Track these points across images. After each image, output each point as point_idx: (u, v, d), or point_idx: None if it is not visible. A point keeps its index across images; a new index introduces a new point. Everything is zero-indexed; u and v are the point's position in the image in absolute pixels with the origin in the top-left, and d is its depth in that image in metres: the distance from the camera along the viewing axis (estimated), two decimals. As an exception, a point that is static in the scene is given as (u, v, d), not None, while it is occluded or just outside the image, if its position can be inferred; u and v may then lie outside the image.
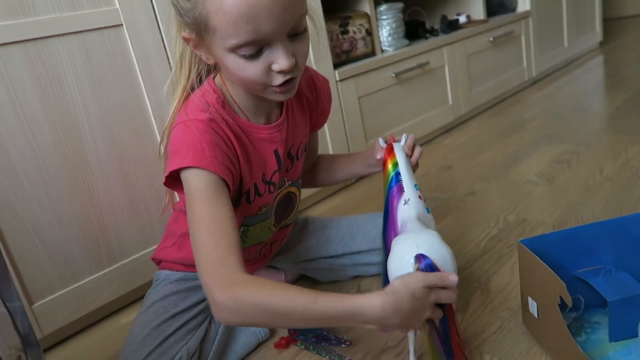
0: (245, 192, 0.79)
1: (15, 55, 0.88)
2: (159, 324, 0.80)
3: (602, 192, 1.20)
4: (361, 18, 1.60)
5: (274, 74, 0.67)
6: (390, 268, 0.71)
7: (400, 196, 0.77)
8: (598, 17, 2.88)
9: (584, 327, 0.76)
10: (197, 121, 0.71)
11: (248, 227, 0.84)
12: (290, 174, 0.87)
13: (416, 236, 0.70)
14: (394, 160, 0.81)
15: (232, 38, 0.63)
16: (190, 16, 0.65)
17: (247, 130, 0.76)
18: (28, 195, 0.92)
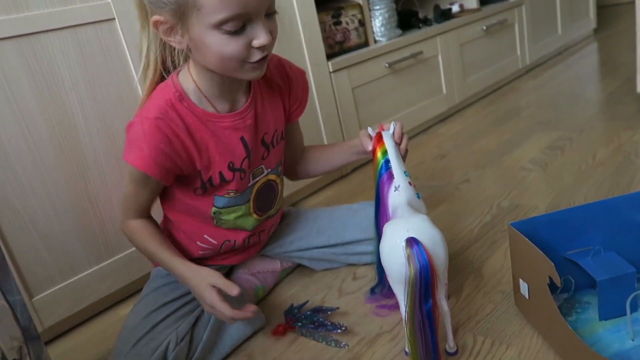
0: (208, 180, 0.83)
1: (8, 51, 0.89)
2: (148, 313, 0.84)
3: (595, 177, 1.21)
4: (354, 9, 1.60)
5: (253, 50, 0.71)
6: (382, 252, 0.72)
7: (391, 183, 0.79)
8: (592, 4, 2.88)
9: (575, 307, 0.78)
10: (146, 119, 0.76)
11: (220, 209, 0.87)
12: (268, 161, 0.89)
13: (407, 220, 0.72)
14: (383, 148, 0.82)
15: (221, 12, 0.66)
16: None
17: (207, 121, 0.80)
18: (25, 189, 0.93)
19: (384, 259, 0.72)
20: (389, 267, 0.71)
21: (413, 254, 0.66)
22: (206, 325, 0.85)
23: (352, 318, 0.89)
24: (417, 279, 0.66)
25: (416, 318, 0.68)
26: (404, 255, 0.67)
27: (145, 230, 0.86)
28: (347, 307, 0.92)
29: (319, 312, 0.89)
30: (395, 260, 0.69)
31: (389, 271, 0.72)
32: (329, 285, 1.00)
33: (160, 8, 0.69)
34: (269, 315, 0.94)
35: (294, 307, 0.90)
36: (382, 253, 0.73)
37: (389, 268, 0.71)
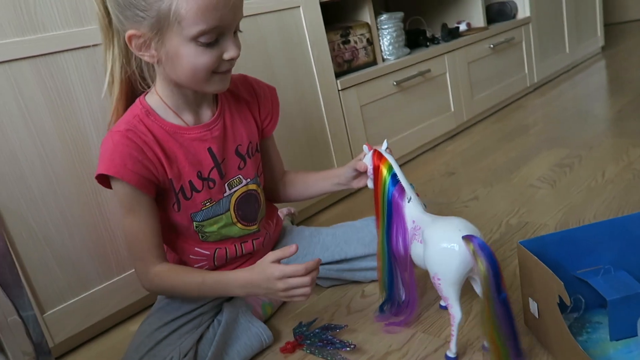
0: (180, 190, 0.85)
1: (25, 70, 0.91)
2: (152, 332, 0.85)
3: (604, 195, 1.21)
4: (362, 28, 1.62)
5: (223, 62, 0.78)
6: (433, 257, 0.74)
7: (403, 196, 0.82)
8: (599, 22, 2.89)
9: (585, 326, 0.77)
10: (115, 132, 0.81)
11: (201, 222, 0.89)
12: (245, 171, 0.92)
13: (449, 222, 0.75)
14: (387, 164, 0.84)
15: (199, 25, 0.72)
16: (153, 9, 0.72)
17: (175, 133, 0.84)
18: (39, 205, 0.95)
19: (435, 263, 0.73)
20: (445, 270, 0.72)
21: (478, 249, 0.68)
22: (211, 342, 0.86)
23: (361, 336, 0.88)
24: (489, 272, 0.67)
25: (498, 310, 0.68)
26: (468, 253, 0.69)
27: (176, 269, 0.86)
28: (355, 324, 0.92)
29: (328, 329, 0.89)
30: (452, 261, 0.71)
31: (445, 274, 0.73)
32: (338, 303, 1.00)
33: (137, 22, 0.74)
34: (278, 332, 0.94)
35: (303, 325, 0.90)
36: (431, 257, 0.74)
37: (445, 271, 0.72)
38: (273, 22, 1.29)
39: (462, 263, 0.71)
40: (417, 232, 0.79)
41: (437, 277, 0.74)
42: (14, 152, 0.91)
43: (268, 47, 1.29)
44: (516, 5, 2.28)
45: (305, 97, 1.39)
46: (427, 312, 0.91)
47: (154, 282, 0.86)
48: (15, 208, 0.92)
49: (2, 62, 0.89)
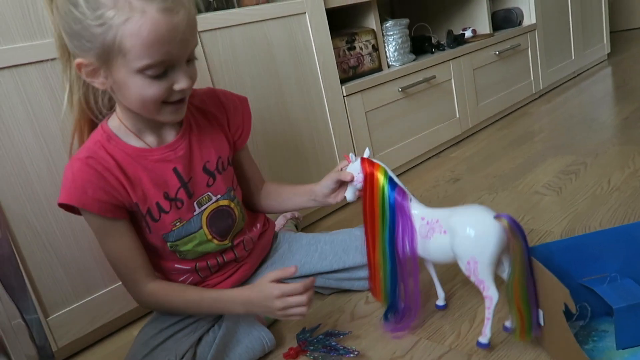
0: (147, 212, 0.84)
1: (32, 75, 0.92)
2: (147, 339, 0.86)
3: (610, 202, 1.20)
4: (367, 34, 1.63)
5: (174, 92, 0.75)
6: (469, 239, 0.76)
7: (406, 197, 0.84)
8: (605, 29, 2.89)
9: (591, 335, 0.77)
10: (75, 160, 0.80)
11: (175, 242, 0.87)
12: (215, 188, 0.89)
13: (474, 207, 0.79)
14: (382, 169, 0.85)
15: (145, 59, 0.69)
16: (98, 41, 0.69)
17: (137, 156, 0.82)
18: (44, 209, 0.95)
19: (471, 246, 0.75)
20: (482, 251, 0.74)
21: (513, 224, 0.71)
22: (211, 345, 0.86)
23: (365, 342, 0.88)
24: (524, 247, 0.70)
25: (529, 285, 0.71)
26: (503, 231, 0.72)
27: (171, 287, 0.87)
28: (359, 331, 0.92)
29: (331, 335, 0.88)
30: (490, 241, 0.73)
31: (482, 255, 0.74)
32: (341, 309, 1.00)
33: (85, 51, 0.72)
34: (281, 338, 0.94)
35: (306, 331, 0.90)
36: (464, 242, 0.76)
37: (482, 252, 0.74)
38: (279, 28, 1.30)
39: (500, 241, 0.73)
40: (435, 225, 0.80)
41: (473, 261, 0.75)
42: (20, 156, 0.92)
43: (274, 53, 1.29)
44: (522, 12, 2.28)
45: (311, 102, 1.39)
46: (431, 318, 0.91)
47: (150, 301, 0.86)
48: (20, 211, 0.92)
49: (10, 67, 0.89)
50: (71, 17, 0.69)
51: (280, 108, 1.32)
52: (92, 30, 0.68)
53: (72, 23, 0.70)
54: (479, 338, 0.79)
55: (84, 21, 0.68)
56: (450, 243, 0.78)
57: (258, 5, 1.29)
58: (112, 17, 0.67)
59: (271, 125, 1.30)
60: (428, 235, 0.81)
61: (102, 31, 0.68)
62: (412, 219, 0.83)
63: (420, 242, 0.83)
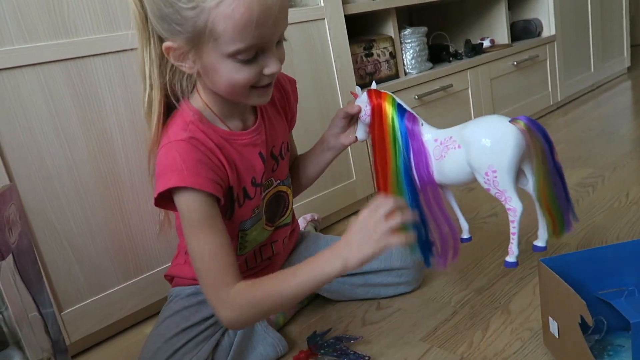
0: (236, 198, 0.81)
1: (56, 73, 0.94)
2: (169, 337, 0.84)
3: (628, 216, 1.19)
4: (385, 41, 1.63)
5: (263, 76, 0.73)
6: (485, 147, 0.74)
7: (417, 121, 0.83)
8: (626, 42, 2.86)
9: (607, 349, 0.75)
10: (178, 142, 0.74)
11: (245, 231, 0.86)
12: (278, 173, 0.90)
13: (487, 117, 0.77)
14: (389, 98, 0.84)
15: (237, 43, 0.67)
16: (189, 24, 0.67)
17: (229, 139, 0.80)
18: (63, 206, 0.97)
19: (488, 154, 0.73)
20: (500, 157, 0.72)
21: (530, 124, 0.70)
22: (227, 350, 0.86)
23: (376, 348, 0.88)
24: (544, 144, 0.70)
25: (554, 179, 0.71)
26: (520, 133, 0.71)
27: (256, 280, 0.74)
28: (370, 336, 0.91)
29: (342, 340, 0.88)
30: (508, 144, 0.71)
31: (501, 161, 0.72)
32: (353, 314, 1.00)
33: (174, 35, 0.69)
34: (292, 341, 0.94)
35: (317, 335, 0.90)
36: (481, 151, 0.74)
37: (500, 158, 0.72)
38: (298, 33, 1.31)
39: (518, 144, 0.71)
40: (449, 142, 0.79)
41: (492, 170, 0.73)
42: (41, 153, 0.93)
43: (292, 57, 1.30)
44: (541, 23, 2.27)
45: (327, 108, 1.40)
46: (443, 327, 0.90)
47: (237, 304, 0.72)
48: (40, 208, 0.94)
49: (35, 65, 0.91)
50: (162, 0, 0.67)
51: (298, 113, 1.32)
52: (184, 13, 0.66)
53: (163, 6, 0.68)
54: (506, 258, 0.78)
55: (175, 4, 0.66)
56: (466, 157, 0.75)
57: (278, 10, 1.30)
58: (204, 0, 0.65)
59: (287, 129, 1.30)
60: (442, 155, 0.79)
61: (194, 14, 0.66)
62: (425, 143, 0.81)
63: (436, 165, 0.80)
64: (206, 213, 0.73)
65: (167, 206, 0.77)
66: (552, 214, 0.72)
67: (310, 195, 1.37)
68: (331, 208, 1.43)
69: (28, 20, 0.90)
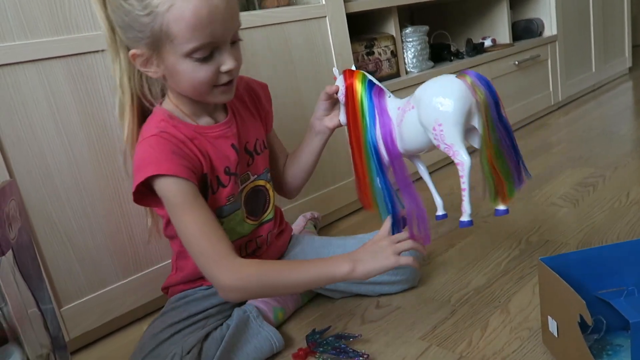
0: (210, 185, 0.87)
1: (57, 69, 0.94)
2: (155, 333, 0.86)
3: (628, 216, 1.19)
4: (387, 40, 1.63)
5: (222, 74, 0.79)
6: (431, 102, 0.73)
7: (383, 94, 0.84)
8: (627, 42, 2.86)
9: (606, 349, 0.75)
10: (150, 137, 0.80)
11: (221, 219, 0.90)
12: (253, 168, 0.95)
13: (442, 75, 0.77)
14: (360, 75, 0.85)
15: (191, 42, 0.74)
16: (147, 30, 0.74)
17: (201, 132, 0.86)
18: (63, 202, 0.97)
19: (433, 108, 0.72)
20: (445, 110, 0.71)
21: (475, 79, 0.70)
22: (219, 342, 0.86)
23: (375, 347, 0.88)
24: (489, 98, 0.69)
25: (500, 135, 0.70)
26: (466, 86, 0.70)
27: (267, 262, 0.87)
28: (369, 335, 0.91)
29: (341, 338, 0.88)
30: (452, 97, 0.71)
31: (446, 115, 0.71)
32: (352, 312, 1.00)
33: (137, 42, 0.76)
34: (291, 339, 0.94)
35: (316, 332, 0.90)
36: (428, 106, 0.73)
37: (445, 111, 0.71)
38: (299, 31, 1.31)
39: (462, 97, 0.71)
40: (407, 107, 0.79)
41: (437, 124, 0.72)
42: (41, 149, 0.93)
43: (293, 55, 1.30)
44: (543, 23, 2.26)
45: (328, 106, 1.39)
46: (442, 325, 0.90)
47: (244, 275, 0.76)
48: (40, 204, 0.94)
49: (35, 61, 0.91)
50: (122, 11, 0.74)
51: (298, 110, 1.32)
52: (141, 20, 0.73)
53: (123, 15, 0.75)
54: (461, 218, 0.78)
55: (132, 12, 0.73)
56: (418, 116, 0.76)
57: (279, 8, 1.30)
58: (157, 5, 0.72)
59: (288, 126, 1.30)
60: (401, 120, 0.79)
61: (149, 20, 0.73)
62: (390, 114, 0.82)
63: (398, 133, 0.81)
64: (186, 195, 0.78)
65: (146, 202, 0.83)
66: (498, 171, 0.72)
67: (311, 193, 1.37)
68: (331, 206, 1.43)
69: (29, 16, 0.90)
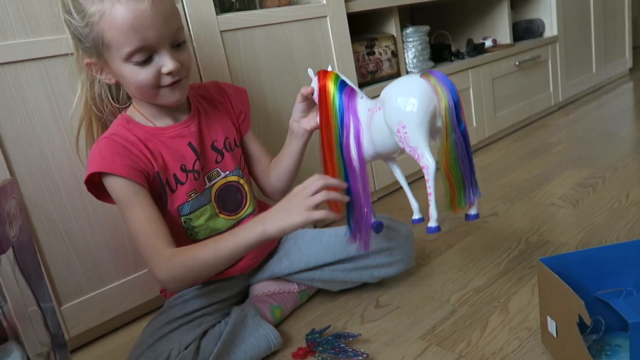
0: (166, 182, 0.89)
1: (58, 68, 0.94)
2: (154, 331, 0.87)
3: (628, 217, 1.19)
4: (387, 40, 1.63)
5: (164, 76, 0.81)
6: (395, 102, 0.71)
7: (354, 95, 0.82)
8: (628, 43, 2.86)
9: (604, 349, 0.76)
10: (100, 139, 0.86)
11: (188, 215, 0.92)
12: (223, 165, 0.96)
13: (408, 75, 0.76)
14: (333, 75, 0.84)
15: (125, 47, 0.77)
16: (89, 39, 0.78)
17: (155, 134, 0.89)
18: (63, 201, 0.97)
19: (397, 109, 0.70)
20: (409, 112, 0.69)
21: (439, 79, 0.68)
22: (216, 339, 0.86)
23: (374, 346, 0.88)
24: (450, 101, 0.67)
25: (457, 140, 0.68)
26: (429, 86, 0.68)
27: (191, 245, 0.86)
28: (369, 334, 0.91)
29: (341, 337, 0.88)
30: (414, 98, 0.69)
31: (409, 116, 0.69)
32: (352, 312, 1.00)
33: (87, 51, 0.81)
34: (290, 338, 0.94)
35: (316, 331, 0.90)
36: (392, 107, 0.71)
37: (409, 113, 0.69)
38: (300, 30, 1.31)
39: (425, 97, 0.69)
40: (374, 108, 0.77)
41: (402, 125, 0.70)
42: (42, 147, 0.93)
43: (294, 55, 1.30)
44: (544, 23, 2.26)
45: (328, 106, 1.40)
46: (441, 325, 0.90)
47: (170, 263, 0.81)
48: (40, 202, 0.94)
49: (36, 59, 0.91)
50: (70, 25, 0.79)
51: (298, 110, 1.32)
52: (82, 31, 0.78)
53: (72, 29, 0.80)
54: (429, 224, 0.75)
55: (75, 25, 0.78)
56: (384, 116, 0.73)
57: (280, 7, 1.30)
58: (92, 16, 0.76)
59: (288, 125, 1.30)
60: (369, 122, 0.78)
61: (89, 30, 0.77)
62: (360, 116, 0.80)
63: (367, 134, 0.79)
64: (127, 194, 0.83)
65: (103, 198, 0.88)
66: (451, 180, 0.70)
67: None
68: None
69: (30, 15, 0.90)
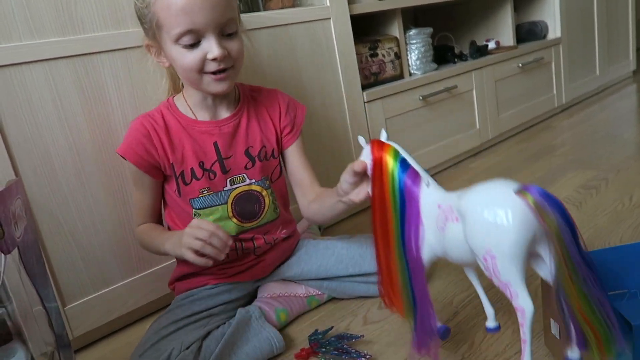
0: (180, 174, 0.92)
1: (63, 69, 0.94)
2: (159, 329, 0.88)
3: (631, 219, 1.19)
4: (390, 42, 1.63)
5: (209, 62, 0.84)
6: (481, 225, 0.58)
7: (419, 181, 0.69)
8: (631, 45, 2.85)
9: (608, 351, 0.75)
10: (137, 118, 0.93)
11: (199, 210, 0.94)
12: (252, 172, 0.96)
13: (491, 183, 0.61)
14: (391, 150, 0.72)
15: (175, 28, 0.81)
16: (147, 21, 0.84)
17: (186, 125, 0.93)
18: (68, 201, 0.97)
19: (484, 234, 0.57)
20: (500, 240, 0.55)
21: (540, 199, 0.53)
22: (219, 339, 0.87)
23: (377, 347, 0.88)
24: (561, 226, 0.52)
25: (584, 275, 0.53)
26: (527, 208, 0.54)
27: (146, 228, 0.96)
28: (371, 335, 0.91)
29: (344, 338, 0.88)
30: (509, 224, 0.55)
31: (500, 246, 0.55)
32: (355, 313, 1.00)
33: (146, 33, 0.87)
34: (293, 339, 0.95)
35: (319, 333, 0.90)
36: (476, 229, 0.58)
37: (500, 241, 0.55)
38: (303, 32, 1.31)
39: (523, 223, 0.54)
40: (449, 213, 0.63)
41: (489, 255, 0.56)
42: (47, 148, 0.94)
43: (297, 56, 1.30)
44: (547, 25, 2.26)
45: (332, 107, 1.40)
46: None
47: (136, 233, 0.98)
48: (45, 202, 0.95)
49: (42, 61, 0.92)
50: (135, 6, 0.86)
51: (301, 111, 1.32)
52: (143, 12, 0.84)
53: (136, 10, 0.86)
54: None
55: (139, 6, 0.84)
56: (464, 232, 0.60)
57: (283, 9, 1.31)
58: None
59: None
60: (443, 227, 0.64)
61: (147, 12, 0.83)
62: (421, 207, 0.67)
63: (438, 237, 0.66)
64: (134, 176, 0.93)
65: None
66: (591, 325, 0.54)
67: (314, 194, 1.37)
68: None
69: (36, 17, 0.91)
